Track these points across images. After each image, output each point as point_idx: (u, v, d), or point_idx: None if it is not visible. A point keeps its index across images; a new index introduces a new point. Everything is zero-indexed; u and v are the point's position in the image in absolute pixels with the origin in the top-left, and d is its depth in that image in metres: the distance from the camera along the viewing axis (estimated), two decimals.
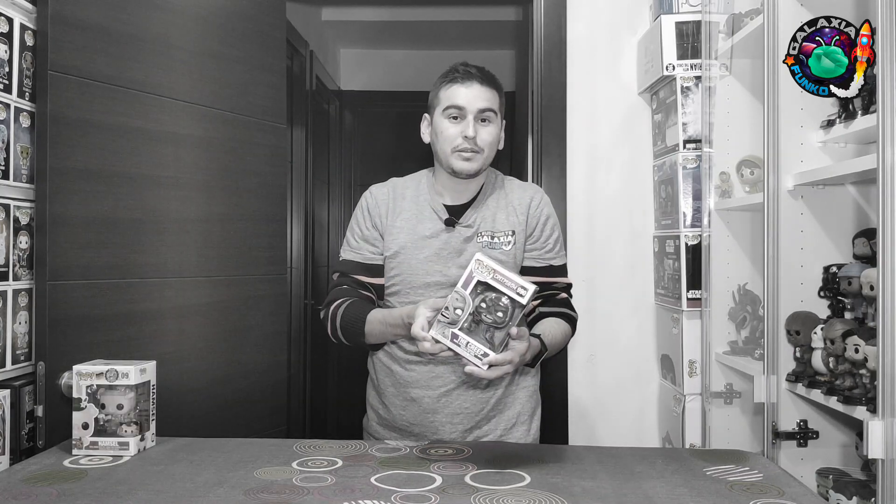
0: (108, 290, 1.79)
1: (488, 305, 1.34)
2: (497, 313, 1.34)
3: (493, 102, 1.66)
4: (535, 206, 1.72)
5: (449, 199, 1.72)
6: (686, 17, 2.24)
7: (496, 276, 1.34)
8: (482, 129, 1.64)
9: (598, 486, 1.31)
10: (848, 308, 1.68)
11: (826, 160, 1.74)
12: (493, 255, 1.66)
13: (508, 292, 1.33)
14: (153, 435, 1.56)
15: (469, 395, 1.69)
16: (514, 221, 1.70)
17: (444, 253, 1.67)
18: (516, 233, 1.69)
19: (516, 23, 3.89)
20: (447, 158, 1.66)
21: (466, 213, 1.70)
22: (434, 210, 1.71)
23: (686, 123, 2.21)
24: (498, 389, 1.71)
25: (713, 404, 2.11)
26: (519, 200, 1.72)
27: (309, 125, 3.52)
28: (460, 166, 1.65)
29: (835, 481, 1.64)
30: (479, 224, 1.69)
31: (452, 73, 1.67)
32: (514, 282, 1.33)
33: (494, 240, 1.68)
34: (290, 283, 3.13)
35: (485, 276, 1.34)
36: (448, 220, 1.69)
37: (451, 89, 1.65)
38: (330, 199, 4.21)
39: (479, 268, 1.35)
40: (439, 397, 1.69)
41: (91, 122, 1.75)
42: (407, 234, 1.69)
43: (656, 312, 2.48)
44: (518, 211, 1.71)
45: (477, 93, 1.64)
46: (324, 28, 4.17)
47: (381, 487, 1.29)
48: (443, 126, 1.66)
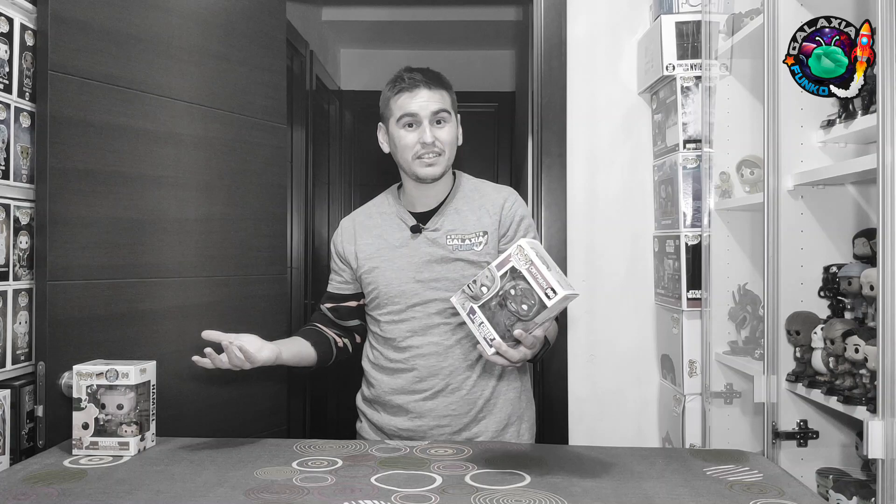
0: (108, 290, 1.79)
1: (516, 294, 1.29)
2: (522, 305, 1.29)
3: (445, 103, 1.68)
4: (508, 206, 1.73)
5: (418, 206, 1.75)
6: (686, 17, 2.24)
7: (531, 269, 1.28)
8: (439, 131, 1.67)
9: (598, 486, 1.31)
10: (848, 308, 1.68)
11: (826, 160, 1.74)
12: (464, 255, 1.68)
13: (537, 289, 1.27)
14: (153, 435, 1.56)
15: (455, 398, 1.69)
16: (487, 222, 1.71)
17: (414, 259, 1.70)
18: (489, 233, 1.70)
19: (516, 23, 3.89)
20: (410, 166, 1.68)
21: (433, 219, 1.72)
22: (401, 219, 1.74)
23: (686, 123, 2.21)
24: (485, 390, 1.71)
25: (713, 404, 2.10)
26: (492, 202, 1.73)
27: (309, 125, 3.52)
28: (424, 172, 1.67)
29: (835, 481, 1.64)
30: (446, 227, 1.71)
31: (398, 81, 1.69)
32: (546, 281, 1.27)
33: (465, 241, 1.69)
34: (290, 283, 3.12)
35: (520, 265, 1.29)
36: (414, 226, 1.71)
37: (401, 99, 1.67)
38: (330, 199, 4.21)
39: (518, 254, 1.30)
40: (425, 401, 1.69)
41: (91, 122, 1.75)
42: (377, 247, 1.74)
43: (656, 312, 2.48)
44: (491, 212, 1.72)
45: (426, 97, 1.66)
46: (324, 28, 4.17)
47: (381, 487, 1.29)
48: (399, 136, 1.68)
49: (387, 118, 1.72)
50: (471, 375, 1.70)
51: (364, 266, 1.74)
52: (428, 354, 1.69)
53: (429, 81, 1.67)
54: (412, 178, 1.71)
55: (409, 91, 1.66)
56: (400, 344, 1.71)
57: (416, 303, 1.69)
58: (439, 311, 1.69)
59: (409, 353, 1.70)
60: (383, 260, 1.72)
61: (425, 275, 1.68)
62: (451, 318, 1.69)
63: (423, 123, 1.65)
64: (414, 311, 1.70)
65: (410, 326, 1.70)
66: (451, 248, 1.69)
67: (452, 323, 1.69)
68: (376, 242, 1.74)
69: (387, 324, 1.72)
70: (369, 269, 1.73)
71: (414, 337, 1.70)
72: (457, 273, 1.67)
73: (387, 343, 1.73)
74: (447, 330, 1.69)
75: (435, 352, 1.69)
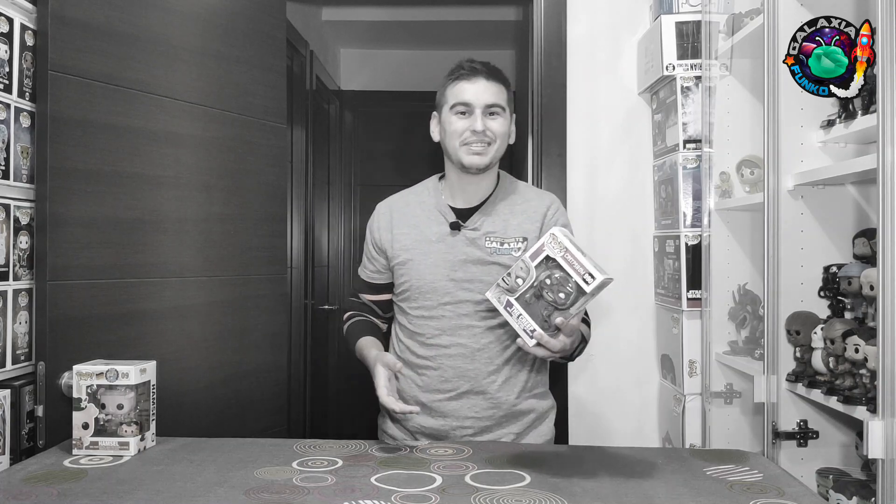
0: (108, 290, 1.79)
1: (552, 283, 1.28)
2: (559, 294, 1.27)
3: (500, 97, 1.66)
4: (551, 213, 1.71)
5: (459, 201, 1.72)
6: (686, 17, 2.24)
7: (567, 256, 1.26)
8: (491, 122, 1.65)
9: (598, 486, 1.31)
10: (848, 308, 1.68)
11: (826, 160, 1.74)
12: (501, 260, 1.66)
13: (575, 276, 1.26)
14: (153, 435, 1.56)
15: (479, 400, 1.68)
16: (528, 228, 1.69)
17: (450, 257, 1.67)
18: (528, 240, 1.67)
19: (516, 23, 3.89)
20: (456, 153, 1.66)
21: (473, 217, 1.69)
22: (441, 213, 1.71)
23: (686, 123, 2.21)
24: (510, 395, 1.70)
25: (713, 404, 2.11)
26: (535, 208, 1.71)
27: (309, 125, 3.52)
28: (470, 160, 1.65)
29: (835, 481, 1.64)
30: (486, 228, 1.68)
31: (458, 69, 1.67)
32: (583, 266, 1.25)
33: (504, 245, 1.67)
34: (290, 283, 3.12)
35: (554, 253, 1.28)
36: (453, 223, 1.68)
37: (458, 86, 1.65)
38: (330, 199, 4.21)
39: (552, 242, 1.28)
40: (449, 401, 1.68)
41: (91, 122, 1.75)
42: (413, 239, 1.70)
43: (656, 312, 2.48)
44: (533, 218, 1.70)
45: (483, 88, 1.64)
46: (324, 28, 4.17)
47: (381, 487, 1.29)
48: (450, 121, 1.66)
49: (441, 105, 1.70)
50: (496, 379, 1.68)
51: (399, 257, 1.71)
52: (455, 356, 1.67)
53: (488, 73, 1.66)
54: (457, 166, 1.68)
55: (467, 79, 1.64)
56: (428, 341, 1.69)
57: (447, 301, 1.67)
58: (469, 313, 1.66)
59: (436, 351, 1.68)
60: (419, 253, 1.69)
61: (459, 274, 1.66)
62: (481, 320, 1.66)
63: (475, 112, 1.63)
64: (445, 309, 1.67)
65: (440, 325, 1.67)
66: (489, 251, 1.66)
67: (482, 326, 1.66)
68: (412, 233, 1.71)
69: (416, 318, 1.70)
70: (403, 261, 1.70)
71: (442, 336, 1.67)
72: (492, 276, 1.63)
73: (414, 337, 1.71)
74: (477, 332, 1.66)
75: (461, 353, 1.67)
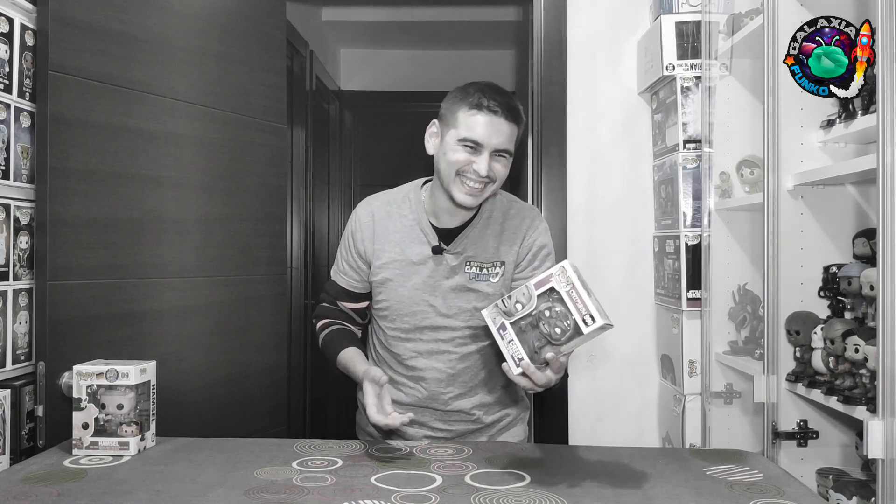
0: (108, 290, 1.79)
1: (551, 316, 1.24)
2: (556, 328, 1.24)
3: (512, 142, 1.56)
4: (528, 235, 1.66)
5: (443, 220, 1.65)
6: (686, 17, 2.24)
7: (571, 293, 1.23)
8: (495, 164, 1.55)
9: (598, 486, 1.31)
10: (848, 308, 1.68)
11: (826, 160, 1.74)
12: (479, 287, 1.63)
13: (575, 314, 1.22)
14: (153, 435, 1.56)
15: (457, 416, 1.70)
16: (504, 251, 1.65)
17: (431, 281, 1.64)
18: (506, 263, 1.64)
19: (516, 23, 3.89)
20: (450, 184, 1.56)
21: (457, 240, 1.64)
22: (424, 233, 1.65)
23: (686, 123, 2.21)
24: (488, 415, 1.71)
25: (713, 404, 2.10)
26: (514, 228, 1.66)
27: (309, 125, 3.52)
28: (462, 199, 1.56)
29: (835, 481, 1.64)
30: (467, 253, 1.64)
31: (479, 97, 1.53)
32: (586, 307, 1.21)
33: (482, 272, 1.63)
34: (290, 283, 3.12)
35: (560, 286, 1.24)
36: (436, 247, 1.63)
37: (474, 118, 1.52)
38: (330, 199, 4.21)
39: (560, 275, 1.24)
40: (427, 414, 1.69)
41: (91, 122, 1.75)
42: (394, 258, 1.65)
43: (656, 312, 2.48)
44: (511, 240, 1.65)
45: (498, 128, 1.52)
46: (324, 28, 4.17)
47: (381, 487, 1.29)
48: (454, 151, 1.54)
49: (448, 125, 1.56)
50: (472, 399, 1.69)
51: (378, 274, 1.67)
52: (430, 379, 1.67)
53: (508, 113, 1.53)
54: (446, 195, 1.59)
55: (487, 115, 1.51)
56: (405, 361, 1.68)
57: (425, 326, 1.65)
58: (447, 339, 1.65)
59: (413, 372, 1.68)
60: (399, 275, 1.65)
61: (439, 301, 1.63)
62: (458, 346, 1.65)
63: (483, 153, 1.52)
64: (422, 333, 1.65)
65: (416, 347, 1.67)
66: (468, 277, 1.63)
67: (459, 353, 1.66)
68: (394, 251, 1.65)
69: (393, 339, 1.69)
70: (383, 280, 1.66)
71: (419, 358, 1.67)
72: (469, 304, 1.62)
73: (391, 355, 1.71)
74: (453, 358, 1.66)
75: (437, 378, 1.67)
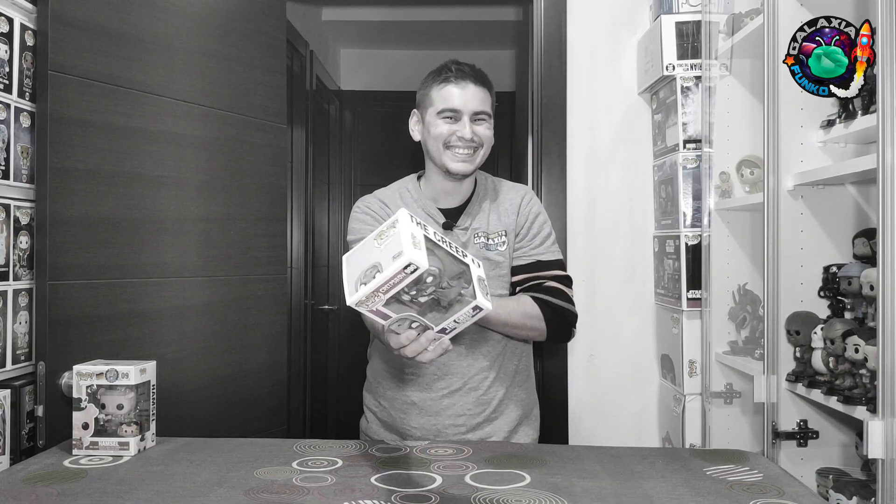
0: (108, 290, 1.79)
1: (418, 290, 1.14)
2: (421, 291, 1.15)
3: (487, 103, 1.65)
4: (524, 204, 1.72)
5: (442, 202, 1.71)
6: (686, 17, 2.24)
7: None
8: (478, 127, 1.63)
9: (598, 486, 1.31)
10: (848, 308, 1.68)
11: (826, 160, 1.74)
12: (490, 255, 1.67)
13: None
14: (153, 435, 1.56)
15: (471, 398, 1.68)
16: (507, 222, 1.70)
17: None
18: (508, 233, 1.69)
19: (516, 23, 3.89)
20: (441, 157, 1.64)
21: (461, 218, 1.70)
22: (429, 214, 1.69)
23: (686, 123, 2.21)
24: (499, 391, 1.70)
25: (713, 404, 2.10)
26: (510, 201, 1.72)
27: (309, 125, 3.52)
28: (456, 167, 1.63)
29: (835, 481, 1.64)
30: (473, 225, 1.69)
31: (445, 71, 1.65)
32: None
33: (490, 241, 1.68)
34: (290, 283, 3.12)
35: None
36: (446, 223, 1.68)
37: (446, 90, 1.63)
38: (330, 199, 4.21)
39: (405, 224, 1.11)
40: (441, 399, 1.68)
41: (91, 122, 1.75)
42: None
43: (656, 312, 2.48)
44: (509, 211, 1.71)
45: (472, 94, 1.62)
46: (324, 28, 4.17)
47: (381, 487, 1.29)
48: (436, 125, 1.64)
49: (425, 107, 1.67)
50: (488, 376, 1.69)
51: None
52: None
53: (476, 77, 1.64)
54: (441, 169, 1.66)
55: (456, 83, 1.62)
56: None
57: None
58: None
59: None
60: None
61: None
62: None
63: (462, 119, 1.62)
64: None
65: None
66: (478, 247, 1.66)
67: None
68: None
69: None
70: None
71: None
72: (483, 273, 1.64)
73: None
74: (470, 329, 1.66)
75: (454, 350, 1.66)
